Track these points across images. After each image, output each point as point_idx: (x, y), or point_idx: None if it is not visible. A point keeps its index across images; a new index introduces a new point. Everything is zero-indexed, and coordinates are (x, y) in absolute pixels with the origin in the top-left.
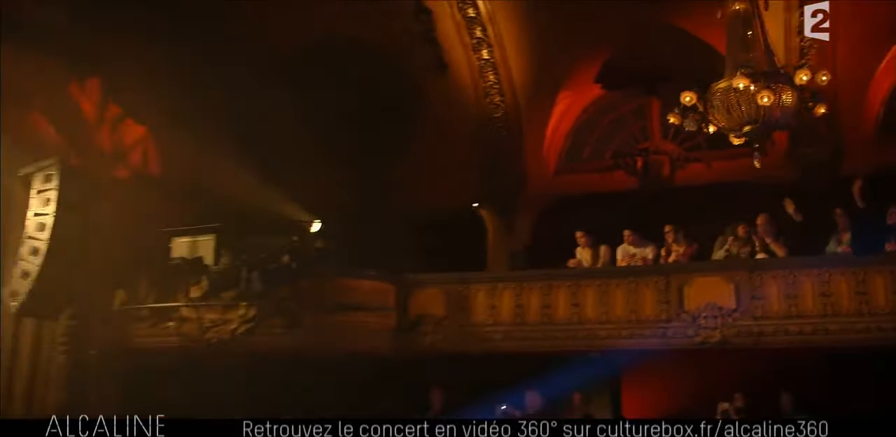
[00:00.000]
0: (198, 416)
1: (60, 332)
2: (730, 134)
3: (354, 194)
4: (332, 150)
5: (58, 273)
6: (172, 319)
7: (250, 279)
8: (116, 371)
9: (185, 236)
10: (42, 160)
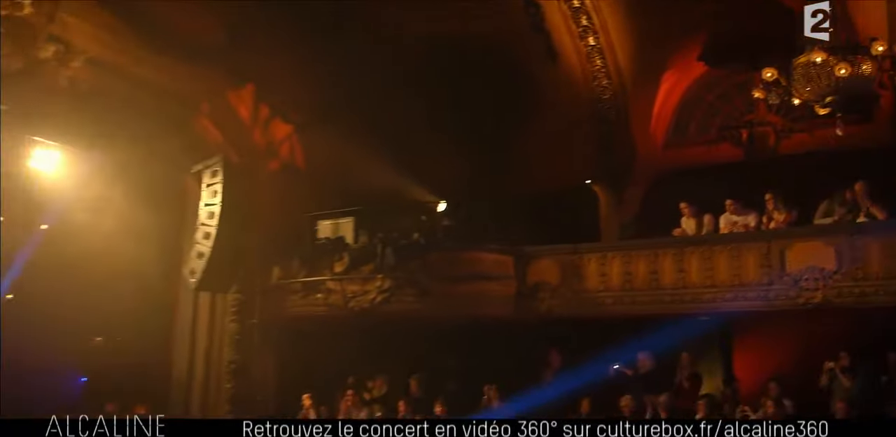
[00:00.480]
0: (338, 373)
1: (230, 303)
2: (814, 105)
3: (477, 176)
4: (456, 136)
5: (226, 254)
6: (320, 291)
7: (385, 255)
8: (275, 336)
9: (328, 219)
10: (209, 159)
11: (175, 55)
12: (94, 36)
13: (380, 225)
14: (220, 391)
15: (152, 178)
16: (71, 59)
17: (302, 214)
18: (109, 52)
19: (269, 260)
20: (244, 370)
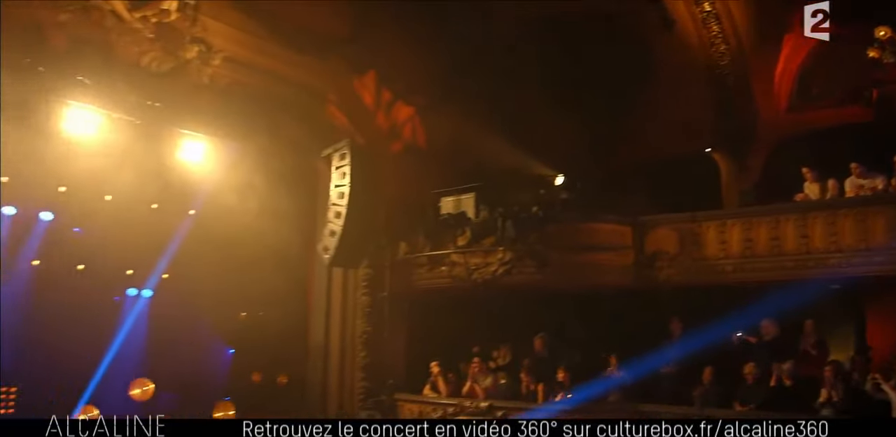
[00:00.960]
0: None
1: (361, 278)
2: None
3: (594, 148)
4: (572, 109)
5: (356, 231)
6: (445, 264)
7: (505, 228)
8: (404, 308)
9: (450, 196)
10: (337, 143)
11: (302, 49)
12: (231, 36)
13: (500, 200)
14: (354, 359)
15: (286, 163)
16: (211, 58)
17: (425, 192)
18: (244, 49)
19: (395, 236)
20: (376, 340)
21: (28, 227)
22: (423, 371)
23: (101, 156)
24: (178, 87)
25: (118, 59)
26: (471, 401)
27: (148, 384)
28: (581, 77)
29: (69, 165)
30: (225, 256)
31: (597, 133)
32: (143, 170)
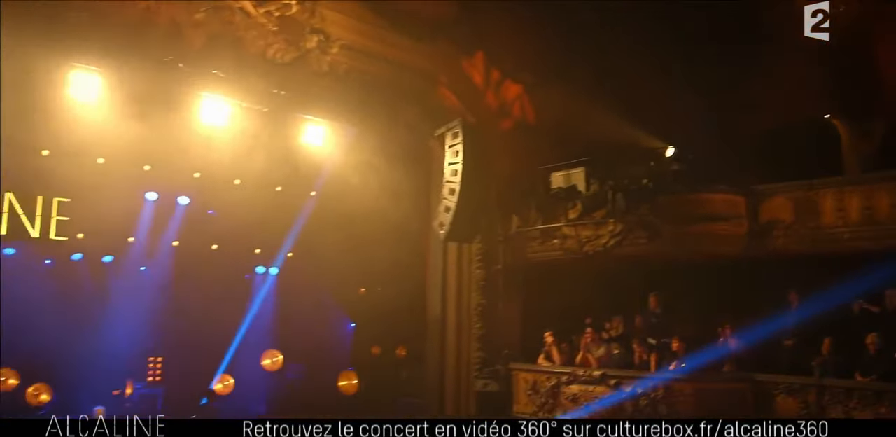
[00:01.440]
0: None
1: (475, 252)
2: None
3: (706, 117)
4: (684, 80)
5: (470, 207)
6: (556, 237)
7: (616, 200)
8: (517, 280)
9: (560, 171)
10: (449, 123)
11: (413, 34)
12: (347, 25)
13: (610, 173)
14: (470, 330)
15: (402, 144)
16: (330, 46)
17: (535, 168)
18: (360, 37)
19: (508, 211)
20: (491, 312)
21: (168, 211)
22: (537, 342)
23: (232, 143)
24: (300, 75)
25: (247, 52)
26: (584, 370)
27: (277, 355)
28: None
29: (203, 153)
30: (345, 234)
31: (709, 103)
32: (269, 155)
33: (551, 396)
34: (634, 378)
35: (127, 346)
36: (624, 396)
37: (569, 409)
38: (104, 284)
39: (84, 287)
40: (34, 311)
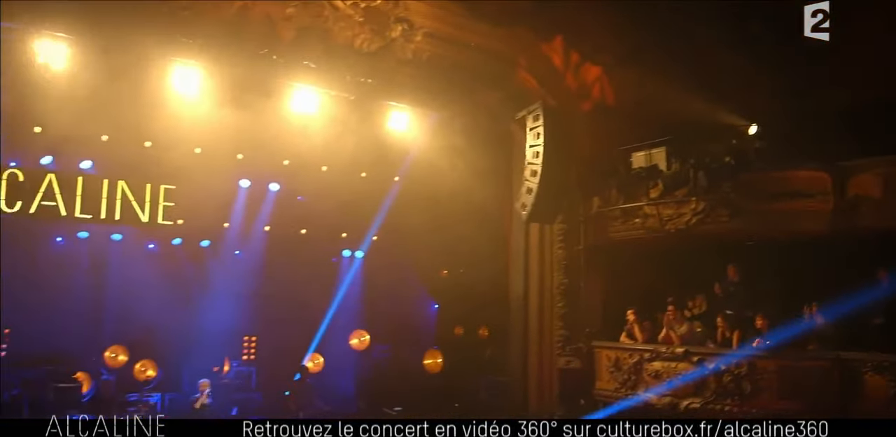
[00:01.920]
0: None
1: (556, 233)
2: None
3: (790, 94)
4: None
5: (551, 188)
6: (638, 216)
7: (698, 178)
8: (598, 260)
9: (641, 151)
10: (530, 106)
11: (493, 20)
12: (430, 13)
13: (691, 152)
14: (552, 310)
15: (483, 128)
16: (413, 35)
17: (616, 148)
18: (442, 24)
19: (589, 191)
20: (572, 291)
21: (260, 197)
22: (619, 320)
23: (320, 130)
24: (385, 63)
25: (335, 43)
26: (666, 347)
27: (364, 335)
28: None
29: (292, 140)
30: (429, 217)
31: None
32: (355, 141)
33: (634, 372)
34: (717, 355)
35: (224, 326)
36: (707, 372)
37: (651, 385)
38: (202, 267)
39: (184, 270)
40: (141, 292)
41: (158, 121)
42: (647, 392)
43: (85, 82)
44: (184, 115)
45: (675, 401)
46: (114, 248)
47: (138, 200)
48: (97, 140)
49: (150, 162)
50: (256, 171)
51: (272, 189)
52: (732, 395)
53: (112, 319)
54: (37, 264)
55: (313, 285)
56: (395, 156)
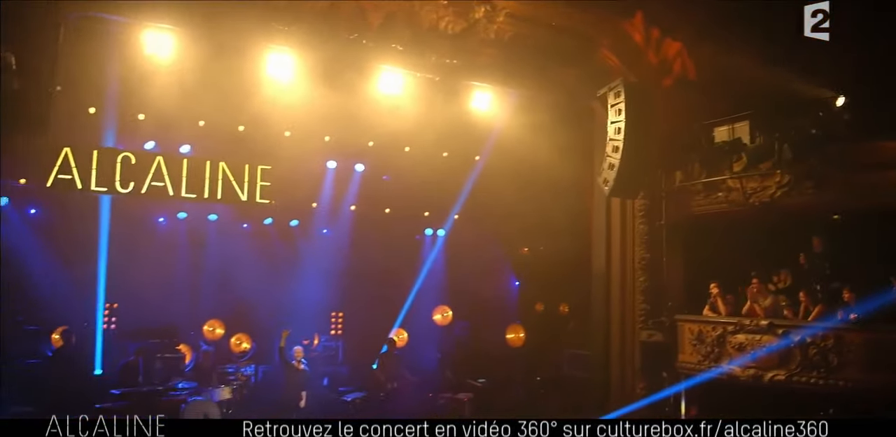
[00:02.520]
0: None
1: (638, 208)
2: None
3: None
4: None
5: (633, 164)
6: (721, 190)
7: (783, 151)
8: (680, 234)
9: (723, 125)
10: (611, 82)
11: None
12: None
13: (776, 125)
14: (634, 284)
15: (565, 105)
16: (496, 15)
17: (698, 122)
18: (523, 5)
19: (671, 166)
20: (654, 266)
21: (346, 177)
22: (701, 294)
23: (404, 111)
24: (468, 44)
25: (420, 26)
26: (750, 319)
27: (447, 311)
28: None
29: (377, 122)
30: (510, 195)
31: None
32: (438, 122)
33: (717, 345)
34: (803, 328)
35: (313, 302)
36: (792, 344)
37: (734, 357)
38: (292, 245)
39: (275, 249)
40: (235, 269)
41: (252, 105)
42: (731, 364)
43: (184, 70)
44: (276, 99)
45: (759, 373)
46: (210, 227)
47: (237, 179)
48: (195, 125)
49: (245, 145)
50: (342, 152)
51: (358, 170)
52: (818, 367)
53: (209, 295)
54: (141, 244)
55: (397, 262)
56: (478, 135)
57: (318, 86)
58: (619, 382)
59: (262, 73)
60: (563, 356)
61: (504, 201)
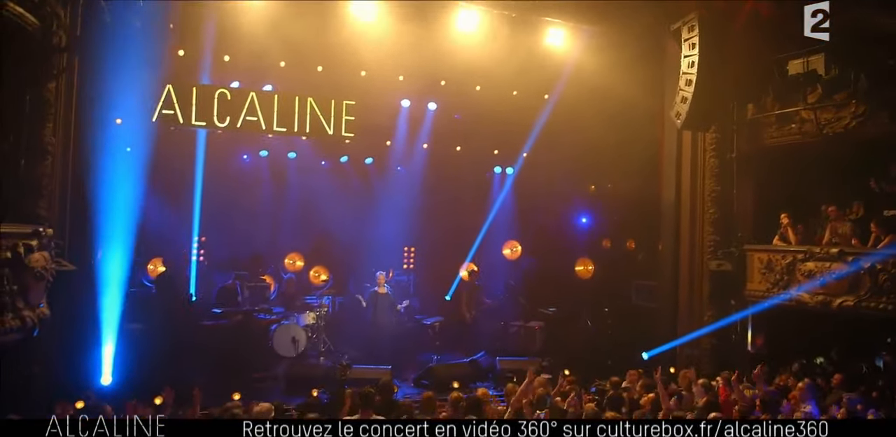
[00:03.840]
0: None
1: (709, 141)
2: None
3: None
4: None
5: (706, 97)
6: (794, 121)
7: (859, 81)
8: (751, 167)
9: (798, 58)
10: (685, 17)
11: None
12: None
13: (851, 56)
14: (704, 216)
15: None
16: None
17: (772, 55)
18: None
19: (743, 99)
20: (724, 198)
21: (419, 116)
22: (771, 225)
23: (477, 49)
24: None
25: None
26: (821, 248)
27: (516, 246)
28: None
29: (450, 60)
30: (579, 133)
31: None
32: (511, 60)
33: (786, 273)
34: (873, 254)
35: (386, 237)
36: (861, 271)
37: (803, 283)
38: (367, 182)
39: (352, 186)
40: (315, 205)
41: (330, 46)
42: (800, 290)
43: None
44: (353, 39)
45: (827, 299)
46: (290, 165)
47: (324, 114)
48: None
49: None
50: (415, 91)
51: (430, 108)
52: (888, 293)
53: (289, 229)
54: (227, 181)
55: (468, 199)
56: (550, 73)
57: (395, 24)
58: (686, 311)
59: (343, 12)
60: (632, 287)
61: (574, 139)
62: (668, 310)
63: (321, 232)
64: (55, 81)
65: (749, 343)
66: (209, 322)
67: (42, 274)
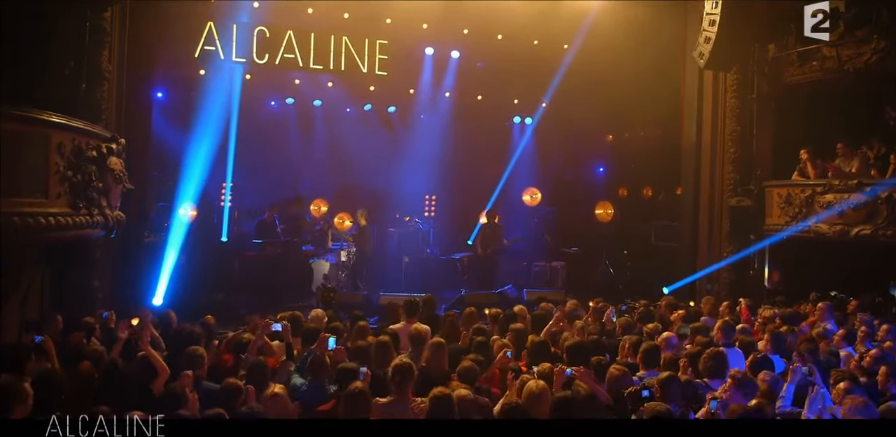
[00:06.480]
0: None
1: (730, 82)
2: None
3: None
4: None
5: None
6: (815, 59)
7: (881, 16)
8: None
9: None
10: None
11: None
12: None
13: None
14: (724, 155)
15: None
16: None
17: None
18: None
19: (764, 40)
20: (744, 138)
21: (442, 65)
22: (790, 164)
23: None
24: None
25: None
26: (839, 180)
27: (536, 193)
28: None
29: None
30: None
31: None
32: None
33: (805, 205)
34: (891, 185)
35: (408, 185)
36: (879, 201)
37: (821, 213)
38: (391, 130)
39: (375, 134)
40: (339, 152)
41: None
42: (817, 221)
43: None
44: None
45: (845, 229)
46: (316, 112)
47: (358, 53)
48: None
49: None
50: (439, 39)
51: (454, 57)
52: None
53: (315, 176)
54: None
55: (489, 147)
56: (571, 22)
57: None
58: (706, 248)
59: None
60: (652, 228)
61: (593, 88)
62: (689, 248)
63: (346, 179)
64: (110, 9)
65: (766, 279)
66: (251, 253)
67: (120, 177)
